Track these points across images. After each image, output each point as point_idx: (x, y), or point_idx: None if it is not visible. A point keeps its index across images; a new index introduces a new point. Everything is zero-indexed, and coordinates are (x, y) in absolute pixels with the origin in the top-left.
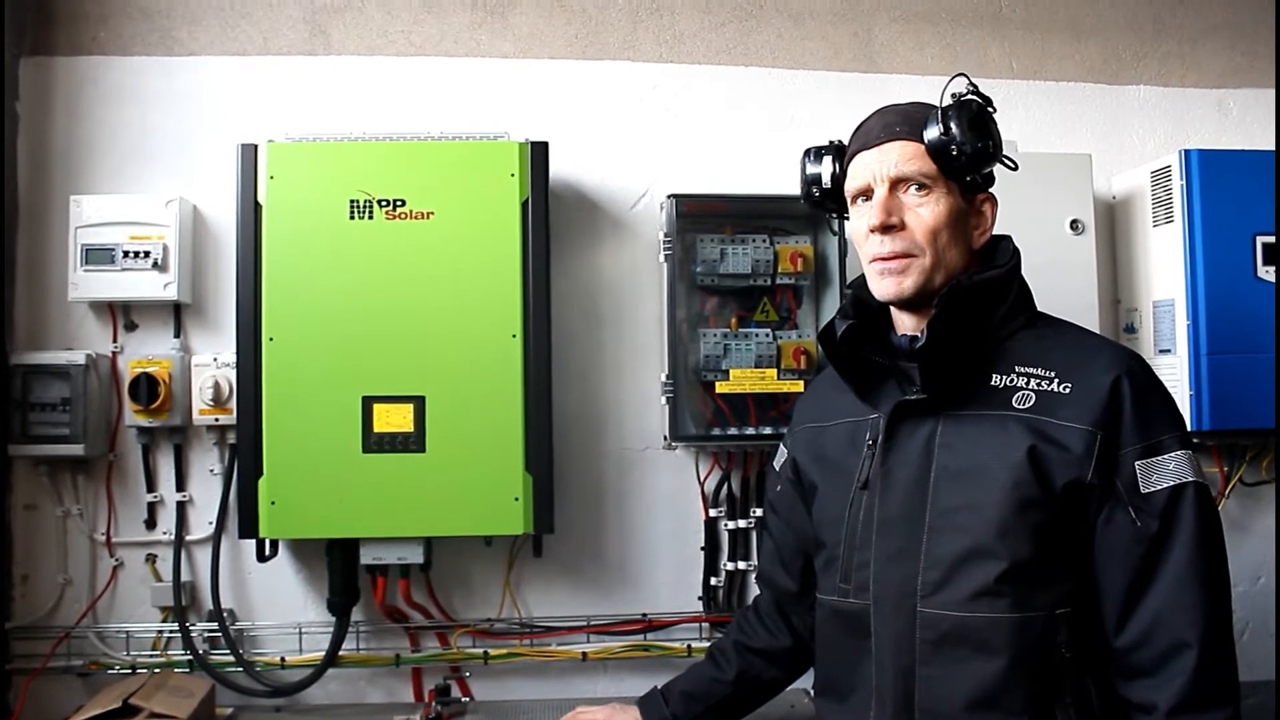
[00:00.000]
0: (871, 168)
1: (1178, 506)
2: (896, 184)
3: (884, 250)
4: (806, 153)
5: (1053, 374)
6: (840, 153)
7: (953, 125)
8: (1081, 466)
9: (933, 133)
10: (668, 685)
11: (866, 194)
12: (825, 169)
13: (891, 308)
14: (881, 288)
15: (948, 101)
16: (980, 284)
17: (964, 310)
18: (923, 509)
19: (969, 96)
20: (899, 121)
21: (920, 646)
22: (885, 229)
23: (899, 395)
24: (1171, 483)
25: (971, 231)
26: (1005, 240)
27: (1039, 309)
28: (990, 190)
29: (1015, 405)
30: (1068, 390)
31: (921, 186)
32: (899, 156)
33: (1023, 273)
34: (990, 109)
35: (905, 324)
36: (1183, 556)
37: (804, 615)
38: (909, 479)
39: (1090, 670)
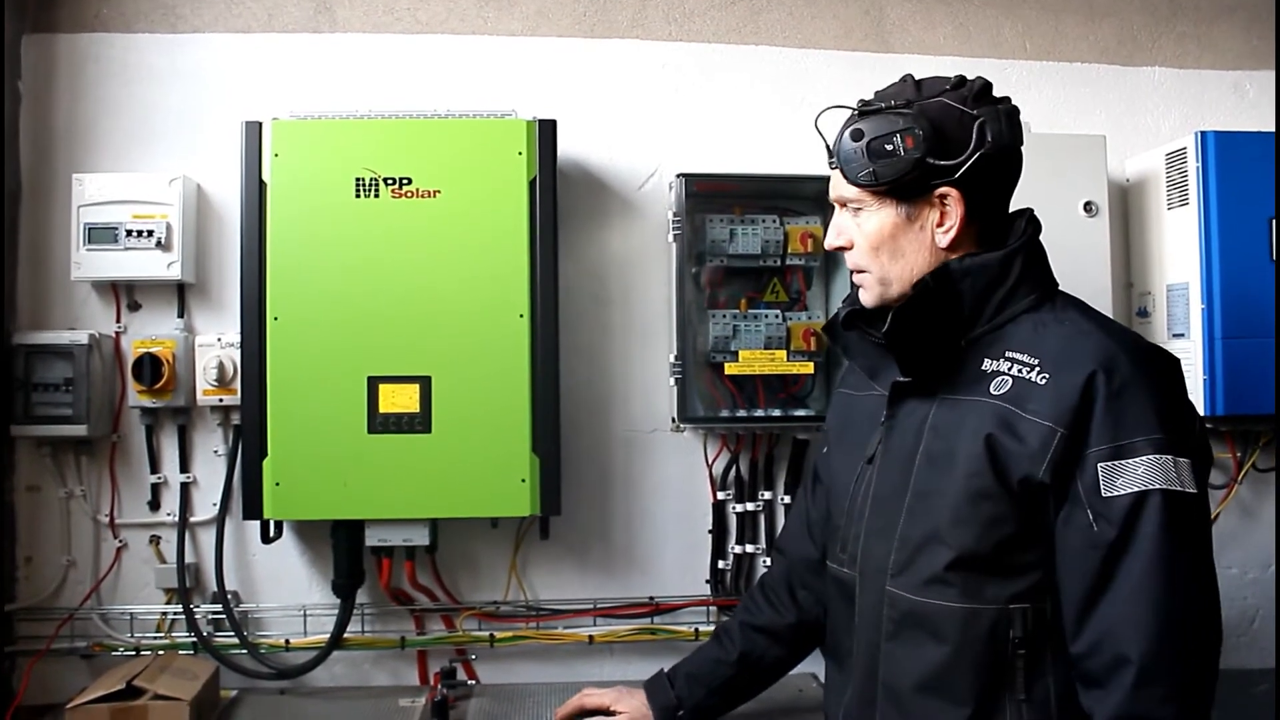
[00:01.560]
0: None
1: (1139, 514)
2: (843, 205)
3: (849, 265)
4: None
5: (1037, 363)
6: None
7: (840, 154)
8: (1035, 464)
9: (835, 162)
10: (674, 668)
11: None
12: None
13: None
14: (860, 296)
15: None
16: (972, 268)
17: (946, 294)
18: (905, 489)
19: (853, 120)
20: (838, 140)
21: (885, 623)
22: (837, 250)
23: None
24: (1135, 489)
25: (932, 231)
26: (1020, 219)
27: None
28: (953, 182)
29: (992, 392)
30: (1045, 381)
31: (855, 208)
32: (834, 180)
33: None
34: (894, 113)
35: None
36: (1138, 567)
37: (815, 588)
38: (900, 458)
39: (1054, 669)
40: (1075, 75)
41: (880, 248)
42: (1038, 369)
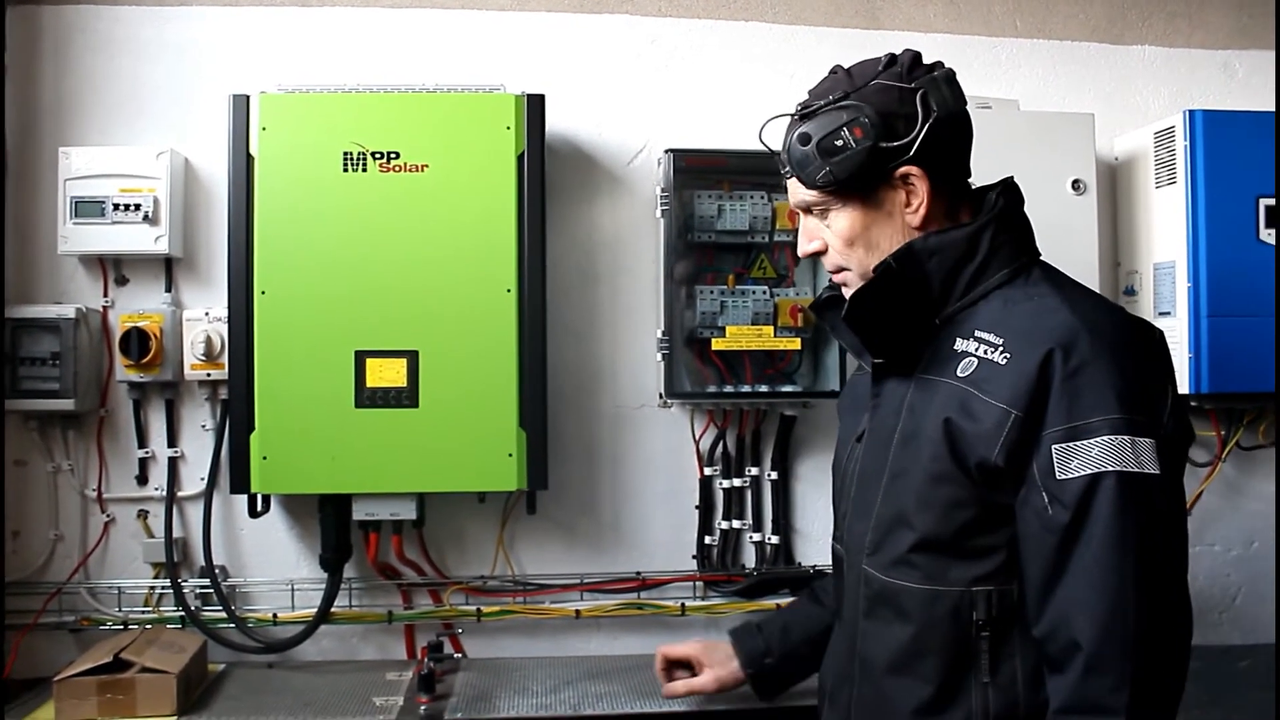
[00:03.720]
0: (789, 195)
1: (1092, 497)
2: (806, 211)
3: (828, 267)
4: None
5: (1002, 342)
6: None
7: (792, 161)
8: (988, 446)
9: (789, 171)
10: (764, 618)
11: None
12: None
13: None
14: (845, 294)
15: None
16: (937, 246)
17: (911, 274)
18: (883, 469)
19: (798, 123)
20: (786, 147)
21: (861, 601)
22: (812, 255)
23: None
24: (1089, 471)
25: (901, 215)
26: (992, 191)
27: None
28: (913, 161)
29: (958, 373)
30: (1005, 361)
31: (821, 210)
32: (792, 187)
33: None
34: (836, 108)
35: None
36: (1090, 553)
37: None
38: (882, 438)
39: (1020, 652)
40: (1065, 53)
41: (854, 243)
42: (1001, 349)
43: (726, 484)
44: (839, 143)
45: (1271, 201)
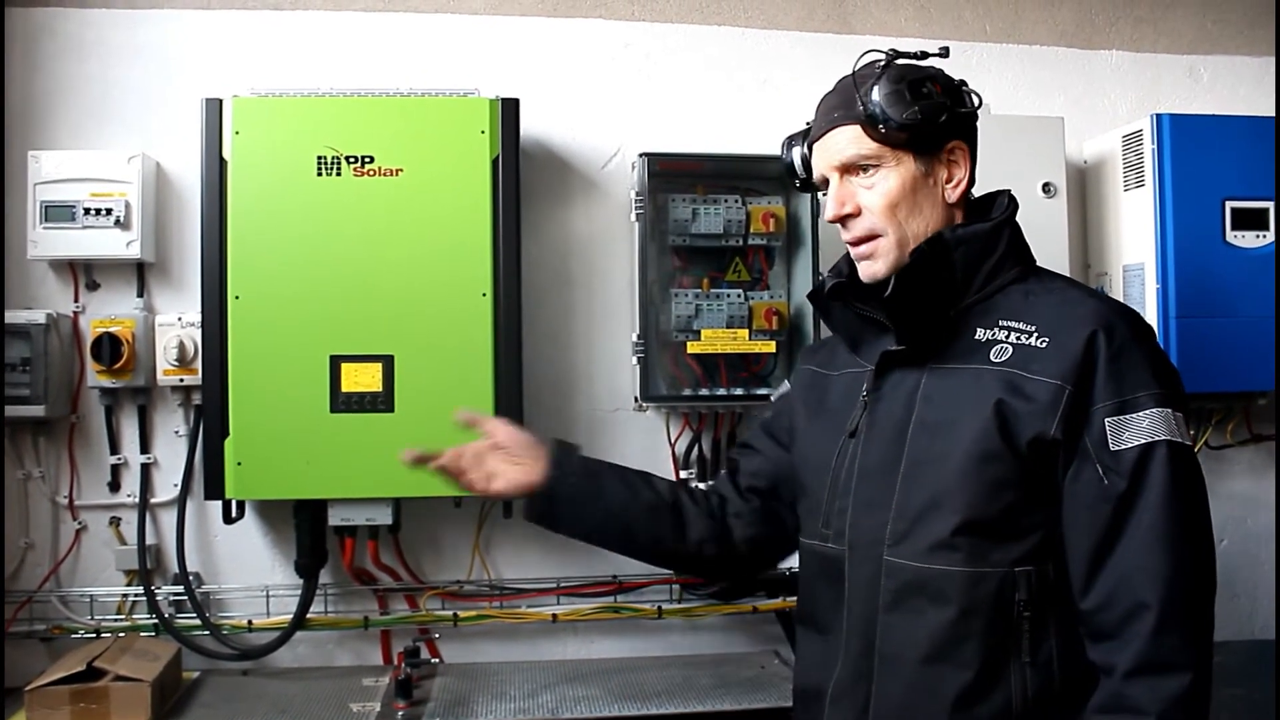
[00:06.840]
0: (822, 160)
1: (1147, 465)
2: (846, 171)
3: (850, 236)
4: (784, 141)
5: (1033, 328)
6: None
7: (873, 98)
8: (1045, 421)
9: (859, 111)
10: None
11: (827, 184)
12: (798, 157)
13: None
14: (861, 271)
15: (871, 71)
16: (965, 237)
17: (941, 262)
18: (898, 459)
19: (884, 63)
20: (837, 105)
21: (883, 594)
22: (843, 220)
23: (889, 347)
24: (1142, 441)
25: (943, 187)
26: (1002, 194)
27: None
28: (960, 136)
29: (992, 359)
30: (1045, 345)
31: (868, 167)
32: (840, 143)
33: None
34: (924, 62)
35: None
36: (1149, 518)
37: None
38: (890, 429)
39: (1055, 630)
40: (1035, 58)
41: (899, 205)
42: (1036, 334)
43: (703, 487)
44: (925, 90)
45: (1238, 204)
